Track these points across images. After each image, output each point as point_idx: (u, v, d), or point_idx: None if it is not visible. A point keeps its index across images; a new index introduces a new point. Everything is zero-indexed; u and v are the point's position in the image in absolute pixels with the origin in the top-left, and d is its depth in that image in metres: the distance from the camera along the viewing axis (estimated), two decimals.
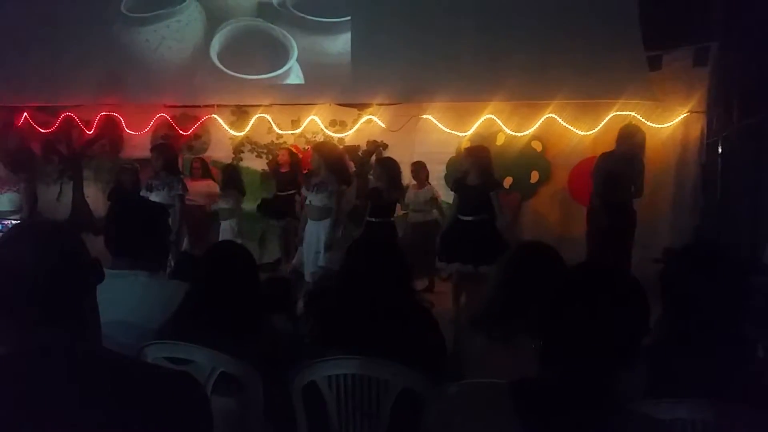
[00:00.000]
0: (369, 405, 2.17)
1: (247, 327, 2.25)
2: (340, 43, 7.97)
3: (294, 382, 2.19)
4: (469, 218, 5.63)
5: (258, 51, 8.15)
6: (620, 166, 5.89)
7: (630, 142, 6.00)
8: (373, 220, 6.02)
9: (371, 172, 7.07)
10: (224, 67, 8.10)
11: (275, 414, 2.27)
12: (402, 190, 6.32)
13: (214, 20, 8.20)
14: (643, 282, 1.42)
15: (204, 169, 8.04)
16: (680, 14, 6.71)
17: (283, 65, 8.03)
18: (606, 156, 6.12)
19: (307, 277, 5.76)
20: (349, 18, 7.88)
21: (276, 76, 8.07)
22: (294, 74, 8.10)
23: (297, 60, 8.01)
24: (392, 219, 6.12)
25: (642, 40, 6.90)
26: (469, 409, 1.34)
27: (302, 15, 7.97)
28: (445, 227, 6.02)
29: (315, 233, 5.80)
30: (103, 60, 8.04)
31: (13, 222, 5.76)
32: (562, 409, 1.29)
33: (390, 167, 6.12)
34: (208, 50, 8.15)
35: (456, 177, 6.18)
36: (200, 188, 7.87)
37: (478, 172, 5.66)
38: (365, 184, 7.31)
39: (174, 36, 8.24)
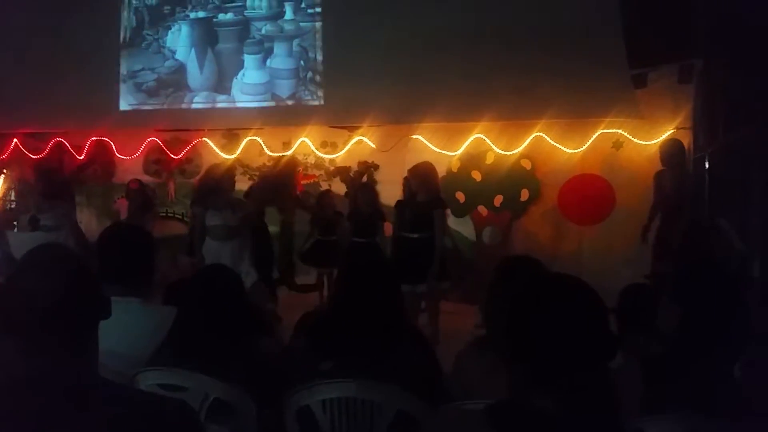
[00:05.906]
0: (364, 428, 2.16)
1: (235, 350, 2.25)
2: None
3: (288, 407, 2.19)
4: (415, 235, 5.83)
5: None
6: None
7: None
8: (358, 240, 6.32)
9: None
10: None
11: None
12: (381, 212, 6.60)
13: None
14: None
15: None
16: (664, 32, 6.80)
17: None
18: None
19: None
20: None
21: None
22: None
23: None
24: (376, 240, 6.32)
25: (627, 59, 6.99)
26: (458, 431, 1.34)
27: None
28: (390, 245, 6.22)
29: (227, 252, 5.69)
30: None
31: None
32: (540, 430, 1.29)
33: (369, 191, 6.67)
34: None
35: (405, 196, 6.42)
36: None
37: (423, 190, 5.92)
38: (360, 203, 7.31)
39: None
